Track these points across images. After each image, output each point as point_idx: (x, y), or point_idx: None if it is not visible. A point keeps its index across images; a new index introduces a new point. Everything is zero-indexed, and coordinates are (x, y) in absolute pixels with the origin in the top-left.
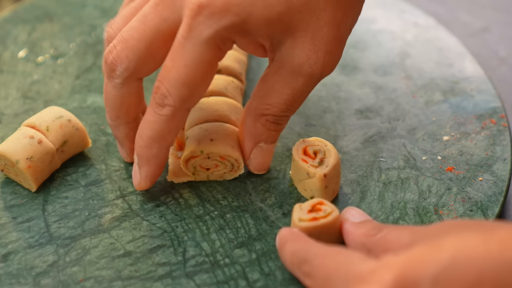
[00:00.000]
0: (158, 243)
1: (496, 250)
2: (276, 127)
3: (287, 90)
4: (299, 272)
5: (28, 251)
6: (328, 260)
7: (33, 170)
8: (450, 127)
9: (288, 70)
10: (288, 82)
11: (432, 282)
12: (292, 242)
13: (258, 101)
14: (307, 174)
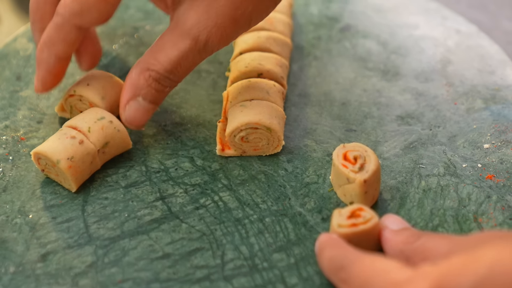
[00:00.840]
0: (197, 245)
1: None
2: (157, 85)
3: (174, 51)
4: (336, 278)
5: (67, 251)
6: (365, 267)
7: (74, 170)
8: (491, 135)
9: (179, 30)
10: (177, 42)
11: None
12: (331, 248)
13: (148, 55)
14: (347, 179)
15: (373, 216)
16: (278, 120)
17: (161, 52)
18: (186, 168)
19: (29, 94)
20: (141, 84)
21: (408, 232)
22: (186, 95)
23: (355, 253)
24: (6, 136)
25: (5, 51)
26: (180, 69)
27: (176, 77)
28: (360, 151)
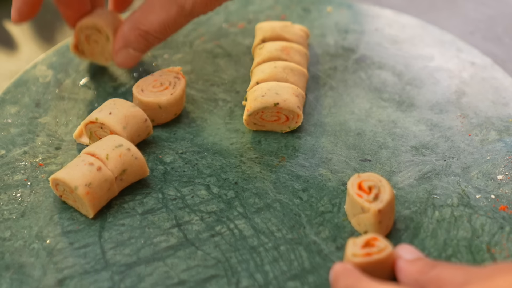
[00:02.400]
0: (212, 273)
1: None
2: (145, 42)
3: (163, 14)
4: None
5: (83, 277)
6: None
7: (91, 196)
8: (505, 166)
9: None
10: (165, 7)
11: None
12: (345, 277)
13: (139, 14)
14: (362, 209)
15: (387, 245)
16: None
17: (151, 13)
18: (202, 195)
19: (48, 121)
20: (131, 38)
21: (423, 262)
22: (203, 123)
23: (369, 283)
24: (25, 162)
25: (25, 78)
26: (168, 30)
27: (163, 35)
28: (375, 181)
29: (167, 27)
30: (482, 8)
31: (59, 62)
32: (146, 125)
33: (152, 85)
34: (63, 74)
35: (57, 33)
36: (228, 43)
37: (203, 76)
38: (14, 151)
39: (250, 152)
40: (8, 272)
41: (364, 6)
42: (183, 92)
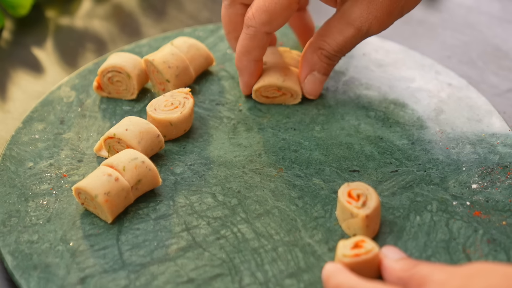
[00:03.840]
0: (218, 272)
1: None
2: (328, 61)
3: (340, 36)
4: None
5: (103, 275)
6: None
7: (110, 204)
8: (478, 176)
9: (345, 20)
10: (342, 29)
11: None
12: (336, 276)
13: (318, 38)
14: (351, 214)
15: (374, 247)
16: None
17: (329, 36)
18: (209, 203)
19: (71, 136)
20: (314, 61)
21: (406, 261)
22: (210, 138)
23: (358, 280)
24: (51, 173)
25: (50, 98)
26: (345, 49)
27: (342, 54)
28: (363, 190)
29: (344, 47)
30: (458, 35)
31: (81, 84)
32: (158, 140)
33: (164, 105)
34: (84, 95)
35: (79, 58)
36: (232, 66)
37: (209, 96)
38: (41, 163)
39: (251, 164)
40: (36, 271)
41: None
42: (191, 111)
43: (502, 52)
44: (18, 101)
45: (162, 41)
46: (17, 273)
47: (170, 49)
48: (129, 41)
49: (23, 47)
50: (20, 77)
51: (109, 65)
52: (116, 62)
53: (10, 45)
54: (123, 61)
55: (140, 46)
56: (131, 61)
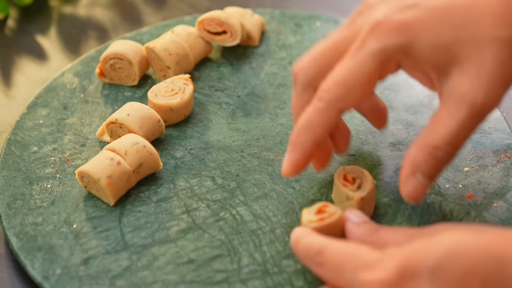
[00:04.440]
0: (217, 253)
1: (486, 247)
2: (435, 162)
3: (452, 121)
4: (312, 262)
5: (105, 256)
6: (339, 251)
7: (112, 187)
8: (470, 160)
9: (454, 100)
10: (452, 112)
11: (429, 272)
12: (305, 237)
13: (425, 133)
14: (347, 197)
15: (337, 210)
16: None
17: (438, 126)
18: (208, 186)
19: (74, 122)
20: (419, 160)
21: (368, 225)
22: (209, 123)
23: (328, 240)
24: (54, 157)
25: (54, 84)
26: (459, 138)
27: (454, 148)
28: (358, 173)
29: (458, 134)
30: None
31: (84, 71)
32: (159, 125)
33: (165, 91)
34: (87, 81)
35: (82, 45)
36: (230, 54)
37: (208, 83)
38: (45, 148)
39: (250, 148)
40: (40, 252)
41: None
42: (191, 97)
43: None
44: (23, 88)
45: (162, 29)
46: (22, 254)
47: (171, 37)
48: (131, 29)
49: (28, 35)
50: (25, 64)
51: (111, 52)
52: (118, 49)
53: (15, 33)
54: (124, 48)
55: (141, 34)
56: (133, 48)
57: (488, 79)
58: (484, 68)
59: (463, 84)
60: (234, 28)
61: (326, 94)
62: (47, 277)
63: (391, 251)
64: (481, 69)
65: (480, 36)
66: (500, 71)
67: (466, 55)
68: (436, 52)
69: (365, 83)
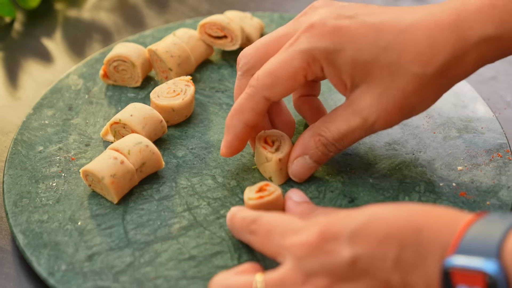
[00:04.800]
0: (218, 249)
1: (405, 216)
2: (323, 149)
3: (344, 125)
4: (246, 231)
5: (109, 253)
6: (271, 219)
7: (116, 185)
8: (464, 159)
9: (352, 109)
10: (347, 118)
11: (349, 235)
12: (240, 212)
13: (320, 123)
14: (266, 158)
15: (277, 189)
16: None
17: (332, 123)
18: (209, 184)
19: (79, 122)
20: (310, 145)
21: (306, 205)
22: (210, 123)
23: (261, 212)
24: (60, 157)
25: (59, 86)
26: (346, 140)
27: (341, 145)
28: (277, 136)
29: (345, 136)
30: None
31: (88, 73)
32: (161, 125)
33: (167, 92)
34: (91, 83)
35: (87, 48)
36: (231, 56)
37: (209, 84)
38: (51, 147)
39: (249, 147)
40: (46, 249)
41: None
42: (192, 97)
43: None
44: (29, 89)
45: (164, 32)
46: (28, 250)
47: (172, 39)
48: (134, 32)
49: (33, 37)
50: (31, 66)
51: (115, 54)
52: (121, 51)
53: (21, 36)
54: (128, 50)
55: (144, 37)
56: (136, 51)
57: (386, 105)
58: (387, 94)
59: (364, 99)
60: (234, 33)
61: (255, 82)
62: (53, 273)
63: (317, 219)
64: (384, 93)
65: (396, 66)
66: (401, 101)
67: (378, 76)
68: (354, 67)
69: (291, 77)
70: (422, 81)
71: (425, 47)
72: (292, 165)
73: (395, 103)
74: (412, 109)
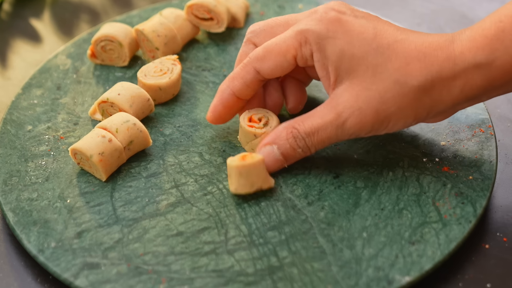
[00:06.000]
0: (205, 225)
1: None
2: (293, 142)
3: (318, 119)
4: None
5: (98, 229)
6: None
7: (104, 163)
8: (446, 134)
9: (330, 104)
10: (324, 113)
11: None
12: None
13: (298, 117)
14: (254, 135)
15: (259, 155)
16: None
17: (309, 118)
18: (196, 161)
19: (67, 101)
20: (282, 135)
21: None
22: (196, 101)
23: None
24: (48, 136)
25: (48, 66)
26: (316, 136)
27: (310, 142)
28: (263, 113)
29: (316, 132)
30: (427, 4)
31: (76, 53)
32: (149, 103)
33: (154, 71)
34: (79, 63)
35: (75, 28)
36: (216, 35)
37: (195, 63)
38: (40, 127)
39: (235, 125)
40: (36, 226)
41: None
42: (179, 76)
43: (468, 19)
44: (18, 69)
45: (151, 12)
46: (18, 228)
47: (159, 19)
48: (121, 12)
49: (22, 18)
50: (20, 46)
51: (102, 34)
52: (108, 31)
53: (10, 17)
54: (115, 30)
55: (131, 17)
56: (123, 31)
57: (362, 104)
58: (366, 94)
59: (343, 96)
60: (221, 16)
61: (252, 53)
62: (42, 250)
63: None
64: (363, 93)
65: (381, 69)
66: (377, 105)
67: (361, 75)
68: (341, 58)
69: (281, 53)
70: (403, 90)
71: (414, 59)
72: (259, 151)
73: (371, 104)
74: (387, 117)
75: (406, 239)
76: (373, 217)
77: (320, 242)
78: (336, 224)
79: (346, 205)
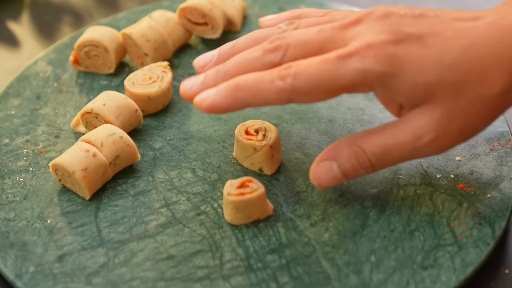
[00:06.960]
0: (198, 248)
1: None
2: (355, 162)
3: (390, 139)
4: None
5: (81, 253)
6: None
7: (88, 180)
8: (462, 148)
9: (404, 126)
10: (397, 133)
11: None
12: None
13: (363, 133)
14: (254, 149)
15: (260, 187)
16: None
17: (376, 136)
18: (189, 178)
19: (47, 112)
20: (343, 153)
21: None
22: (189, 112)
23: None
24: (27, 150)
25: (26, 73)
26: (388, 157)
27: (376, 162)
28: (259, 124)
29: (388, 152)
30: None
31: (57, 59)
32: (137, 114)
33: (142, 79)
34: (61, 70)
35: (56, 32)
36: (211, 40)
37: (188, 70)
38: (17, 140)
39: (232, 138)
40: (13, 249)
41: (334, 4)
42: (170, 85)
43: None
44: None
45: (140, 14)
46: None
47: (148, 22)
48: (106, 14)
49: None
50: None
51: (86, 39)
52: (93, 36)
53: None
54: (100, 34)
55: (117, 20)
56: (109, 35)
57: (447, 125)
58: (449, 115)
59: (422, 118)
60: (216, 21)
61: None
62: (20, 275)
63: None
64: (446, 114)
65: (461, 85)
66: (463, 123)
67: (440, 97)
68: (413, 90)
69: (329, 91)
70: (487, 101)
71: (490, 66)
72: (316, 166)
73: (456, 123)
74: (472, 131)
75: (418, 264)
76: (382, 239)
77: (324, 266)
78: (342, 247)
79: (352, 226)
